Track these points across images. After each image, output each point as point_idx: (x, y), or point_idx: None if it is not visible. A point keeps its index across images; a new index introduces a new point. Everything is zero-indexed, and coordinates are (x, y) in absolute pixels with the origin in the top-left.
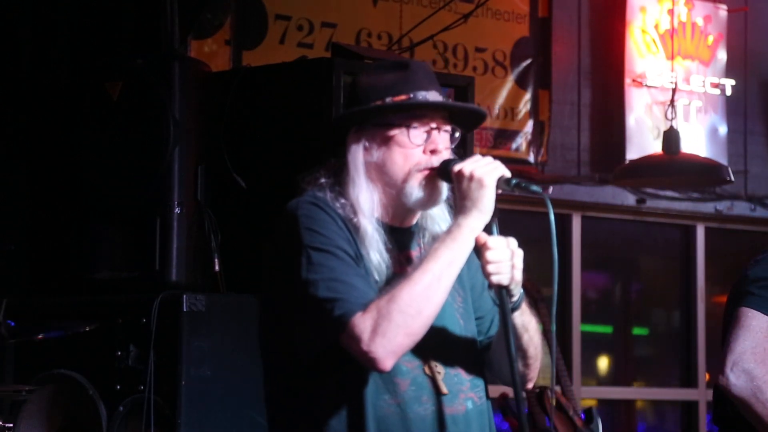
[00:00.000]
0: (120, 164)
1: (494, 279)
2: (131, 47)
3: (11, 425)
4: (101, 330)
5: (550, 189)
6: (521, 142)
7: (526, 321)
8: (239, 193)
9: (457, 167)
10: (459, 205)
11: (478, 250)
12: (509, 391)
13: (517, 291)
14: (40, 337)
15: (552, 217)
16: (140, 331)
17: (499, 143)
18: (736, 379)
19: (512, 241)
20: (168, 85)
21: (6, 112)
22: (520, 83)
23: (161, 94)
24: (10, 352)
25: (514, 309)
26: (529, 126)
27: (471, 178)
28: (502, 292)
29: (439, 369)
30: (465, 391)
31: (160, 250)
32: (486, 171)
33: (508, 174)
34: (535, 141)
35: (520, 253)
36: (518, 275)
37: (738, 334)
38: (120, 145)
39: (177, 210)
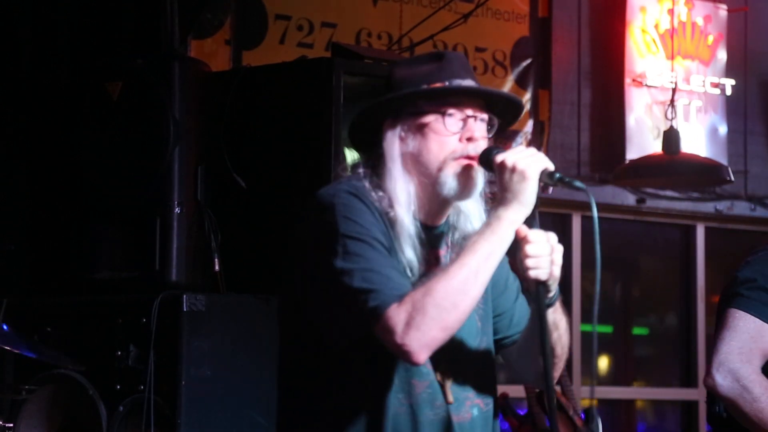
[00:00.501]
0: (120, 164)
1: (532, 273)
2: (131, 47)
3: (11, 425)
4: (101, 330)
5: (550, 189)
6: (521, 141)
7: (557, 319)
8: (239, 193)
9: (499, 157)
10: (499, 197)
11: (518, 243)
12: (509, 391)
13: (554, 287)
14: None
15: (595, 214)
16: (140, 331)
17: (498, 143)
18: (722, 379)
19: (552, 236)
20: (168, 85)
21: (6, 112)
22: (520, 83)
23: (161, 94)
24: (11, 352)
25: (549, 305)
26: (529, 126)
27: (513, 169)
28: (539, 287)
29: (449, 375)
30: (471, 398)
31: (160, 250)
32: (529, 163)
33: (551, 167)
34: (535, 141)
35: (559, 249)
36: (556, 271)
37: (725, 335)
38: (120, 145)
39: (177, 210)
